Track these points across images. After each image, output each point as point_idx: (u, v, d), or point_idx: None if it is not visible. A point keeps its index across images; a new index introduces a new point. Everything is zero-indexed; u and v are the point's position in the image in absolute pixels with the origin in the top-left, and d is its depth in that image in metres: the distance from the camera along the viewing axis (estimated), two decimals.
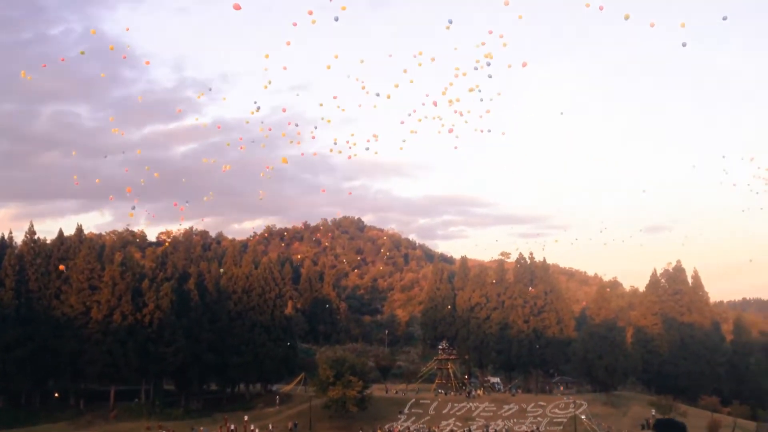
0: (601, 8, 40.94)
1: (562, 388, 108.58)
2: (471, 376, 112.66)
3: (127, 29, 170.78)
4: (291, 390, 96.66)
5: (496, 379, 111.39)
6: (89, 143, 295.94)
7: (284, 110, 76.02)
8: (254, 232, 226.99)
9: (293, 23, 46.40)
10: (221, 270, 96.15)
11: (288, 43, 54.00)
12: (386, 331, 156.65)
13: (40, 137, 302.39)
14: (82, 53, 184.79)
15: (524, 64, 50.71)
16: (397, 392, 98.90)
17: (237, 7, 39.71)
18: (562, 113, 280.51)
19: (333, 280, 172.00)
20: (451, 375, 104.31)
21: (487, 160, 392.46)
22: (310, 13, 42.28)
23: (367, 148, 58.24)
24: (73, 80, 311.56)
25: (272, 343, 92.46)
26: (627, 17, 41.85)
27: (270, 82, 61.26)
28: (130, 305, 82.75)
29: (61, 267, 79.25)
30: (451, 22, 44.34)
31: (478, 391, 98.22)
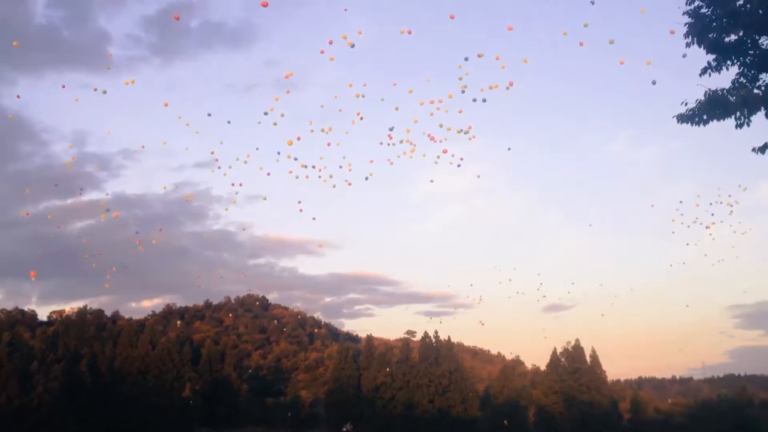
0: (581, 43, 41.15)
1: None
2: None
3: (18, 96, 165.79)
4: None
5: None
6: None
7: (188, 196, 74.89)
8: (153, 311, 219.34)
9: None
10: None
11: (187, 123, 53.12)
12: (289, 414, 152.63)
13: None
14: None
15: (444, 151, 50.43)
16: None
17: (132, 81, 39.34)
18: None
19: (235, 361, 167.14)
20: None
21: (392, 239, 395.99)
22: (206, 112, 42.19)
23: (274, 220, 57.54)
24: None
25: (169, 426, 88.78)
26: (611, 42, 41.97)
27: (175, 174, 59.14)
28: (17, 388, 78.14)
29: None
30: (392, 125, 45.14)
31: None
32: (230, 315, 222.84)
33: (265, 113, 42.58)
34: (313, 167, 48.48)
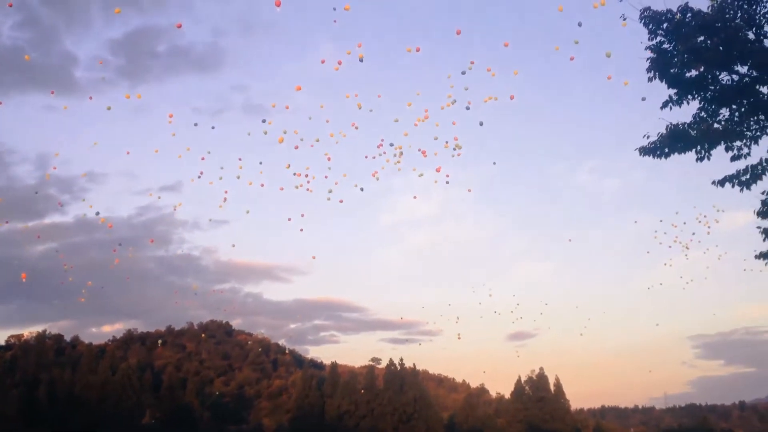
0: (572, 58, 40.48)
1: None
2: None
3: None
4: None
5: None
6: None
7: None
8: (113, 337, 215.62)
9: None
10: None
11: (156, 151, 52.99)
12: None
13: None
14: None
15: (438, 169, 49.62)
16: None
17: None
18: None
19: (197, 388, 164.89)
20: None
21: (359, 265, 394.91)
22: (170, 116, 41.93)
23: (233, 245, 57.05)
24: None
25: None
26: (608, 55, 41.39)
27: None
28: None
29: None
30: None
31: None
32: (194, 340, 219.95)
33: (263, 120, 40.98)
34: (306, 176, 46.46)
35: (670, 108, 17.90)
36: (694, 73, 17.13)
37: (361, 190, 48.50)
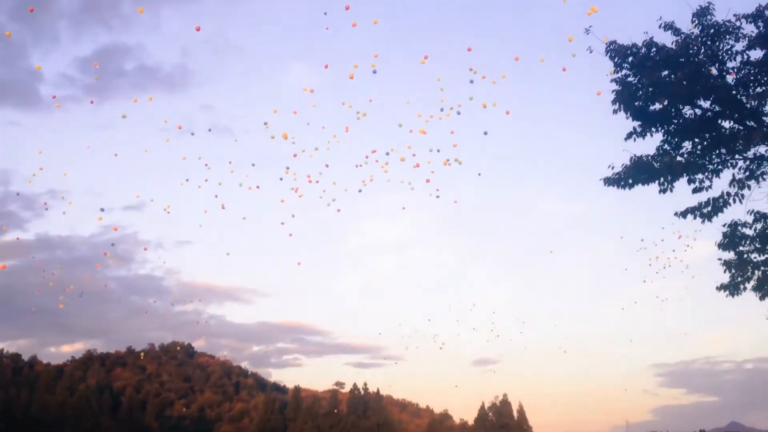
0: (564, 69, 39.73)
1: None
2: None
3: None
4: None
5: None
6: None
7: (115, 229, 73.48)
8: (72, 357, 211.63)
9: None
10: None
11: (119, 168, 52.02)
12: None
13: None
14: None
15: (428, 180, 48.34)
16: None
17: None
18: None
19: (156, 410, 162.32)
20: None
21: (323, 288, 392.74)
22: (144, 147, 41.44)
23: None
24: None
25: None
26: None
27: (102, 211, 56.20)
28: None
29: None
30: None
31: None
32: (155, 361, 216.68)
33: (265, 123, 39.24)
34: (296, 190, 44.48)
35: (634, 139, 18.17)
36: (658, 106, 17.38)
37: (337, 209, 47.57)
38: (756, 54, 16.98)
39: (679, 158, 17.53)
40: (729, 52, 17.13)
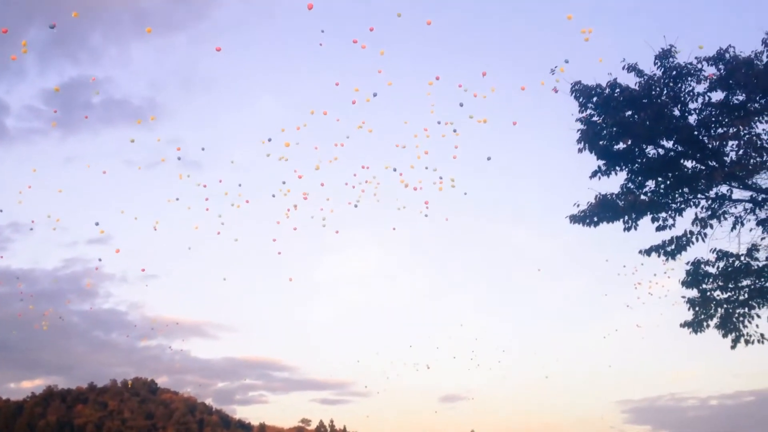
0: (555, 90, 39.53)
1: None
2: None
3: None
4: None
5: None
6: None
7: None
8: (32, 393, 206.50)
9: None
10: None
11: (86, 202, 50.73)
12: None
13: None
14: None
15: (426, 203, 46.84)
16: None
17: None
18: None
19: None
20: None
21: (291, 322, 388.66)
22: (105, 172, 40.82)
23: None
24: None
25: None
26: None
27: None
28: None
29: None
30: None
31: None
32: (117, 397, 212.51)
33: (269, 139, 37.82)
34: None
35: (599, 178, 18.38)
36: (622, 145, 17.58)
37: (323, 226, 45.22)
38: (717, 96, 17.37)
39: (642, 197, 17.73)
40: (691, 93, 17.48)
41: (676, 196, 18.08)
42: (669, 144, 17.73)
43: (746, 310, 18.35)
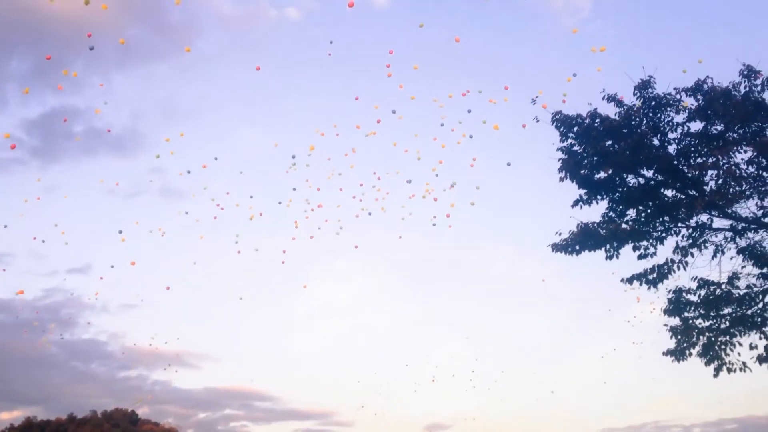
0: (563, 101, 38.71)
1: None
2: None
3: None
4: None
5: None
6: None
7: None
8: (11, 424, 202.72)
9: None
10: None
11: (63, 232, 49.30)
12: None
13: None
14: None
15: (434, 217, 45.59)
16: None
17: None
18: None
19: None
20: None
21: (273, 351, 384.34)
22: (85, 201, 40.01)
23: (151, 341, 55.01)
24: None
25: None
26: None
27: None
28: None
29: None
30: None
31: None
32: (97, 428, 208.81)
33: (293, 157, 36.29)
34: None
35: (581, 207, 18.40)
36: (602, 174, 17.62)
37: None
38: (696, 126, 17.51)
39: (624, 226, 17.74)
40: (670, 123, 17.63)
41: (657, 224, 18.11)
42: (649, 173, 17.80)
43: (728, 338, 18.36)
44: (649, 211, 18.02)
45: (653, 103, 17.53)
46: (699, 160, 17.21)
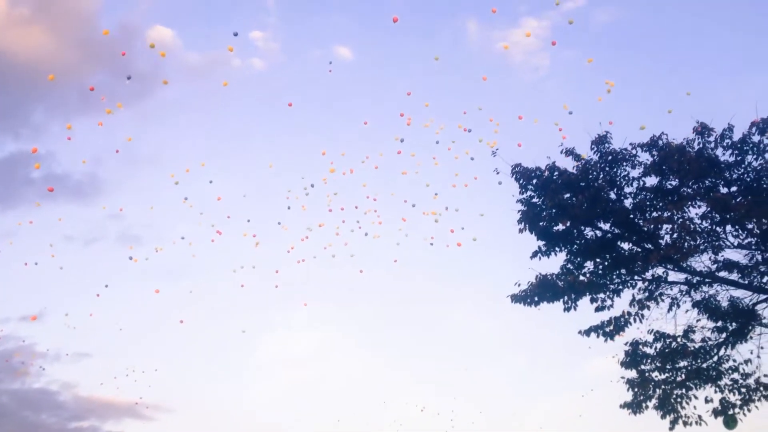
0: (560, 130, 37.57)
1: None
2: None
3: None
4: None
5: None
6: None
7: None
8: None
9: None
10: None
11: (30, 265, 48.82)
12: None
13: None
14: None
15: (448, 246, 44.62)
16: None
17: None
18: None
19: None
20: None
21: (231, 401, 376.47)
22: (52, 246, 38.72)
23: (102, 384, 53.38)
24: None
25: None
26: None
27: None
28: None
29: None
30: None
31: None
32: None
33: (312, 185, 34.68)
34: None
35: (540, 258, 18.44)
36: (561, 227, 17.74)
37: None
38: (651, 180, 17.74)
39: (581, 278, 17.75)
40: (626, 177, 17.85)
41: (614, 277, 18.18)
42: (606, 226, 17.96)
43: (683, 391, 18.42)
44: (606, 263, 18.09)
45: (609, 157, 17.78)
46: (654, 214, 17.39)
